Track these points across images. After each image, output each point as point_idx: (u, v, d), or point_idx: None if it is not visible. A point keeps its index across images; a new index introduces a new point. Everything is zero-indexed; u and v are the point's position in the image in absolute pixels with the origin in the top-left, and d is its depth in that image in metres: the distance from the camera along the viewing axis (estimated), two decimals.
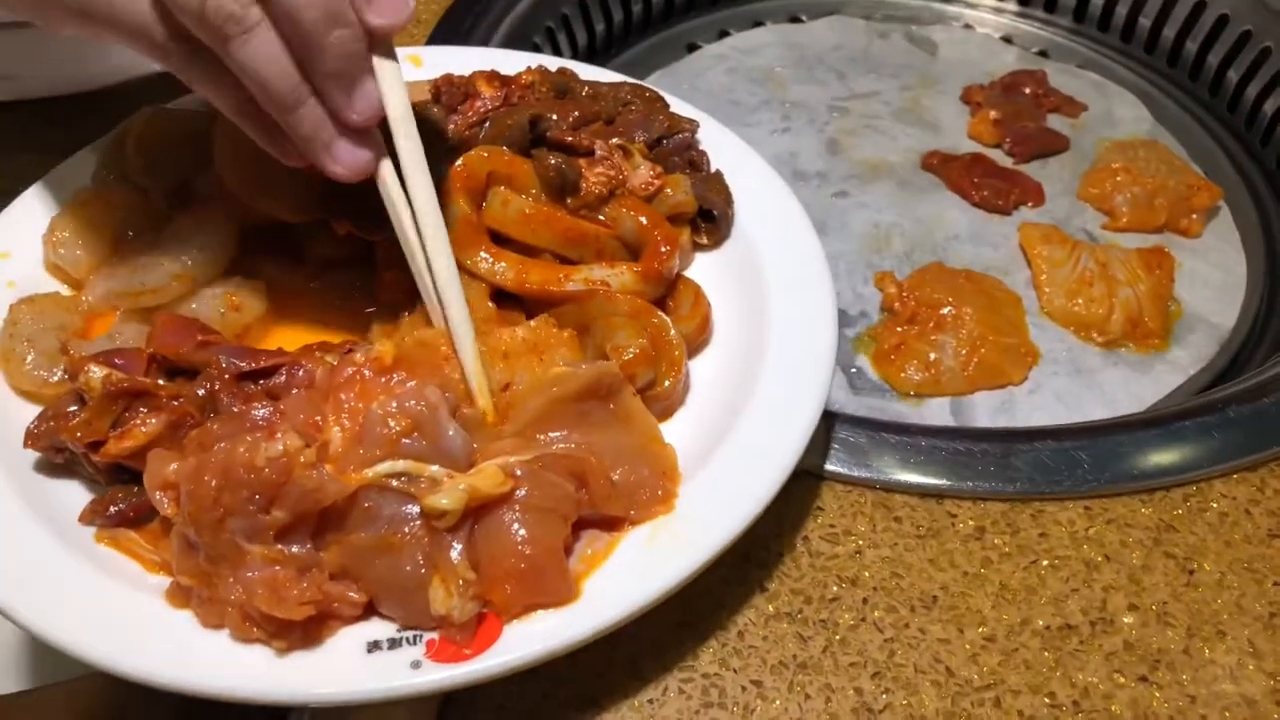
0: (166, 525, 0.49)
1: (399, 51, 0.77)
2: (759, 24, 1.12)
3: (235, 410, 0.49)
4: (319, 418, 0.48)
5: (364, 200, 0.59)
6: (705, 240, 0.65)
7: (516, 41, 0.93)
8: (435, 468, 0.47)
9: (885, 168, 0.95)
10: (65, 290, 0.61)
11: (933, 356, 0.79)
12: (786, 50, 1.08)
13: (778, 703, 0.51)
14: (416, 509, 0.46)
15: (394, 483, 0.46)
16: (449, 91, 0.65)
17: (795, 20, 1.13)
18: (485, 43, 0.90)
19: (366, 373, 0.49)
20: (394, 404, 0.47)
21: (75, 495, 0.52)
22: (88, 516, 0.50)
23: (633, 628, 0.49)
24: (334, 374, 0.50)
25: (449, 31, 0.90)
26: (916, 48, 1.10)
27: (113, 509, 0.50)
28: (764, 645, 0.53)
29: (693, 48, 1.09)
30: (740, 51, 1.07)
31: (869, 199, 0.92)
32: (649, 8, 1.09)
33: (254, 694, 0.43)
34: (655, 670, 0.52)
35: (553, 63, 0.72)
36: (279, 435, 0.45)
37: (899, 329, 0.80)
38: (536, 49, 0.95)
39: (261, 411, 0.48)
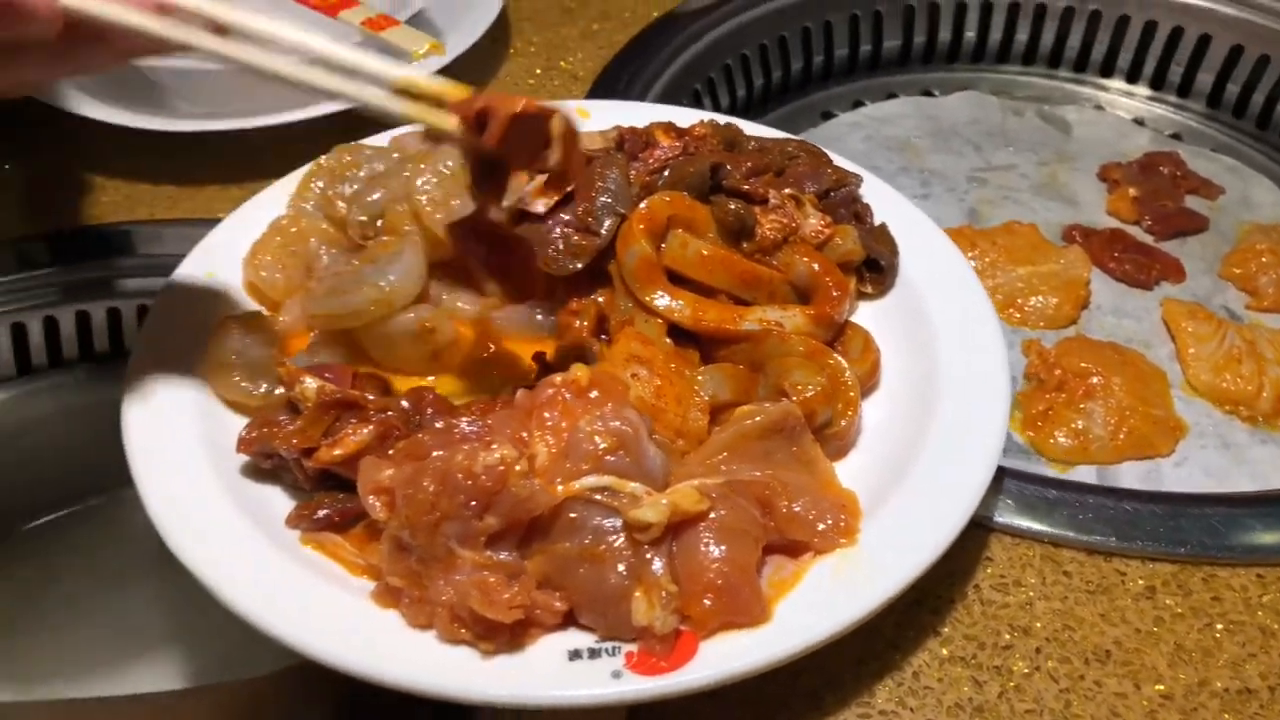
0: (372, 531, 0.51)
1: (565, 104, 0.80)
2: (892, 95, 1.15)
3: (441, 424, 0.52)
4: (524, 434, 0.50)
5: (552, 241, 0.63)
6: (870, 289, 0.67)
7: (665, 103, 0.96)
8: (636, 485, 0.48)
9: None
10: (263, 310, 0.64)
11: (1080, 425, 0.78)
12: (922, 121, 1.10)
13: None
14: (619, 522, 0.48)
15: (598, 496, 0.48)
16: (631, 140, 0.68)
17: (928, 94, 1.16)
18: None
19: (566, 395, 0.51)
20: (600, 423, 0.49)
21: (278, 500, 0.55)
22: (294, 520, 0.53)
23: (814, 660, 0.49)
24: (534, 395, 0.52)
25: (605, 91, 0.94)
26: (1050, 125, 1.11)
27: (320, 513, 0.52)
28: (939, 687, 0.53)
29: (828, 116, 1.12)
30: (876, 120, 1.09)
31: None
32: (787, 74, 1.12)
33: (462, 693, 0.45)
34: (835, 704, 0.52)
35: (719, 118, 0.75)
36: (495, 445, 0.47)
37: (1047, 395, 0.80)
38: None
39: (470, 426, 0.50)
